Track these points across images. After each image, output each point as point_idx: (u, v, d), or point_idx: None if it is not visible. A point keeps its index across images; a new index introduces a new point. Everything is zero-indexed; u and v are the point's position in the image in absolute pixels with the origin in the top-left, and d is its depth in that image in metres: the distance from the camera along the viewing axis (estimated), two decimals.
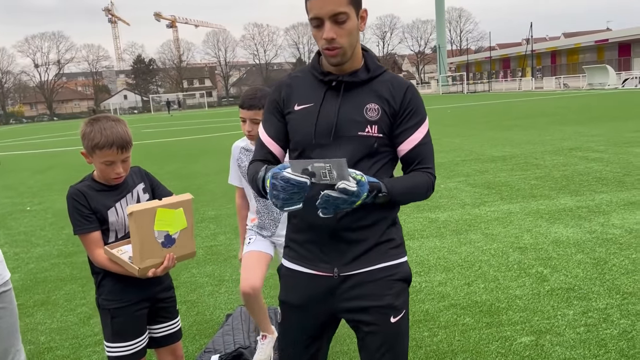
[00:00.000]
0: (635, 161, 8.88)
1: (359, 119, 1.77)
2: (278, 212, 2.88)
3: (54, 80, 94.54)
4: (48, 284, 5.09)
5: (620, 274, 4.18)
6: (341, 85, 1.81)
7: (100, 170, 2.23)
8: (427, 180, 1.83)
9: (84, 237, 2.20)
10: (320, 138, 1.78)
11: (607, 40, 51.76)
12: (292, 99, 1.85)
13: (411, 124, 1.81)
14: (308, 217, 1.78)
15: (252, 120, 2.76)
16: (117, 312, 2.28)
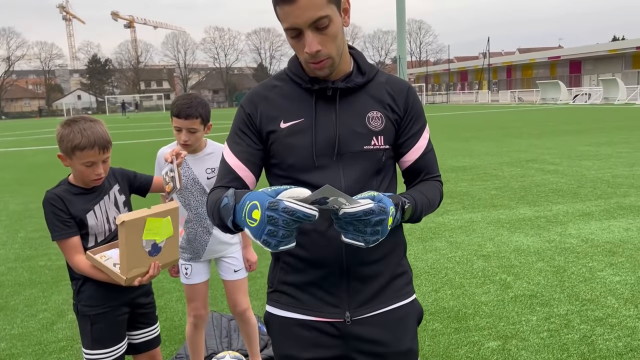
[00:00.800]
0: (588, 174, 9.28)
1: (361, 130, 1.52)
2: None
3: (3, 78, 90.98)
4: (6, 288, 4.90)
5: (579, 281, 4.37)
6: (336, 93, 1.52)
7: (79, 172, 2.19)
8: (439, 188, 1.65)
9: (63, 243, 2.15)
10: (321, 158, 1.50)
11: (559, 57, 53.88)
12: (274, 114, 1.53)
13: (414, 131, 1.60)
14: (311, 254, 1.51)
15: (189, 129, 2.60)
16: (97, 318, 2.23)
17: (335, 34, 1.42)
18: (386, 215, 1.27)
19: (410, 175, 1.66)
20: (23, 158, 17.03)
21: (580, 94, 42.70)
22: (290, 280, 1.56)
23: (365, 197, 1.30)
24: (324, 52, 1.42)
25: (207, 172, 2.72)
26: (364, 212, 1.24)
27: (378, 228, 1.27)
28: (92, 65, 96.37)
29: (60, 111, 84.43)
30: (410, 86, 1.62)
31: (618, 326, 3.54)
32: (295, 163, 1.51)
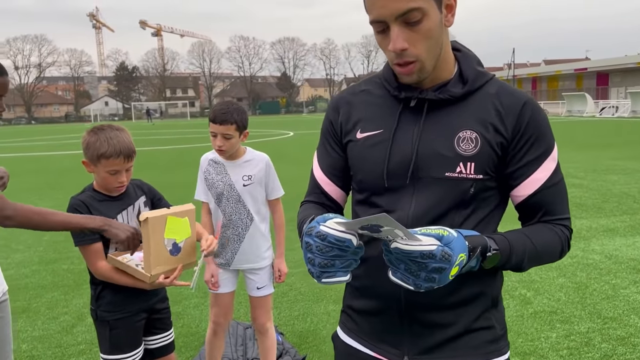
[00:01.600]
0: (613, 188, 9.10)
1: (447, 153, 1.26)
2: (244, 227, 2.77)
3: (34, 84, 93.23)
4: (29, 290, 5.00)
5: (601, 298, 4.28)
6: (424, 105, 1.30)
7: (103, 179, 2.23)
8: (559, 237, 1.30)
9: (85, 249, 2.18)
10: (393, 179, 1.30)
11: (586, 69, 53.12)
12: (354, 121, 1.38)
13: (530, 159, 1.27)
14: (369, 283, 1.36)
15: (224, 135, 2.64)
16: (116, 323, 2.26)
17: (429, 32, 1.19)
18: (449, 265, 1.05)
19: (524, 214, 1.35)
20: (52, 162, 17.39)
21: (607, 106, 41.98)
22: (356, 305, 1.43)
23: (431, 234, 1.08)
24: (411, 53, 1.20)
25: (244, 179, 2.76)
26: (420, 254, 1.05)
27: (435, 276, 1.06)
28: (119, 72, 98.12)
29: (87, 117, 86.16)
30: (527, 101, 1.28)
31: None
32: (365, 180, 1.35)
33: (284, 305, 4.41)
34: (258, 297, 2.90)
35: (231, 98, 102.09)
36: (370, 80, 1.43)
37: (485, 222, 1.30)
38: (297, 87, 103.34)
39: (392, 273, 1.12)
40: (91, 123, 71.41)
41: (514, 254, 1.22)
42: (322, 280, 1.14)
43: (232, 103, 2.71)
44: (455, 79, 1.30)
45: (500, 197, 1.34)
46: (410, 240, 1.06)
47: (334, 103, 1.45)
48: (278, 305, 4.40)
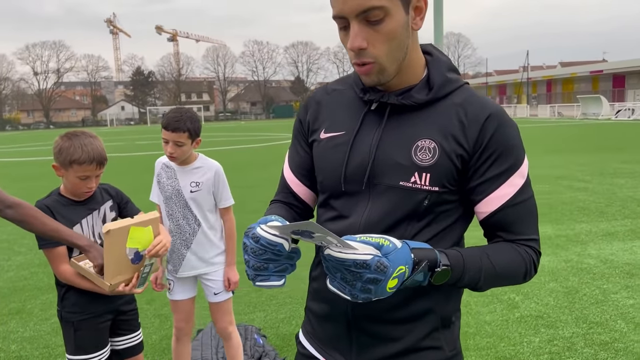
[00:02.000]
0: (619, 192, 8.99)
1: (403, 161, 1.21)
2: (191, 232, 2.78)
3: (52, 89, 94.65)
4: (25, 292, 5.09)
5: (590, 303, 4.24)
6: (386, 109, 1.26)
7: (73, 184, 2.27)
8: (523, 258, 1.22)
9: (49, 252, 2.23)
10: (350, 184, 1.26)
11: (601, 71, 52.50)
12: (320, 121, 1.35)
13: (493, 174, 1.20)
14: (321, 286, 1.32)
15: (176, 142, 2.64)
16: (80, 324, 2.31)
17: (392, 33, 1.13)
18: (384, 277, 1.00)
19: (487, 231, 1.27)
20: None
21: (623, 109, 41.39)
22: (313, 308, 1.41)
23: (370, 243, 1.03)
24: (370, 53, 1.15)
25: (192, 185, 2.76)
26: (354, 263, 1.00)
27: (370, 287, 1.01)
28: (135, 77, 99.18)
29: (104, 121, 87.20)
30: (493, 112, 1.21)
31: (623, 351, 3.42)
32: (324, 181, 1.33)
33: (271, 307, 4.44)
34: (215, 303, 2.90)
35: (245, 102, 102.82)
36: (344, 79, 1.38)
37: (441, 236, 1.24)
38: (311, 91, 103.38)
39: (329, 281, 1.08)
40: (107, 127, 72.38)
41: (467, 272, 1.15)
42: (256, 283, 1.12)
43: (185, 110, 2.70)
44: (421, 85, 1.24)
45: (462, 211, 1.27)
46: (344, 248, 1.02)
47: (305, 103, 1.42)
48: (265, 308, 4.43)
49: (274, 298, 4.63)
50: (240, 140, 27.87)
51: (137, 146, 27.08)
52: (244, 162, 15.84)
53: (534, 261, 1.24)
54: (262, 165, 14.79)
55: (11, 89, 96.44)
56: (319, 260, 1.36)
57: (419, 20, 1.19)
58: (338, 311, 1.29)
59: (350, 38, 1.14)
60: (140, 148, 25.50)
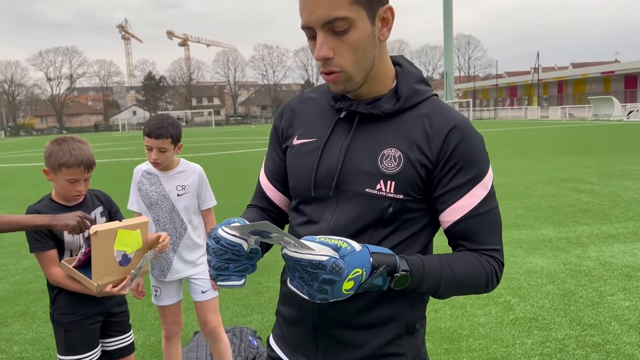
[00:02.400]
0: (624, 194, 8.95)
1: (369, 169, 1.24)
2: (178, 236, 2.85)
3: (65, 94, 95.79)
4: (30, 295, 5.20)
5: (585, 305, 4.25)
6: (355, 117, 1.30)
7: (62, 187, 2.35)
8: (484, 267, 1.25)
9: (40, 255, 2.32)
10: (320, 189, 1.30)
11: (613, 72, 52.02)
12: (293, 128, 1.39)
13: (456, 185, 1.23)
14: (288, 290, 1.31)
15: (160, 149, 2.71)
16: (71, 325, 2.39)
17: (357, 43, 1.17)
18: (339, 278, 1.03)
19: (450, 240, 1.31)
20: None
21: (635, 110, 41.01)
22: (282, 311, 1.44)
23: (328, 244, 1.07)
24: (336, 62, 1.19)
25: (178, 189, 2.84)
26: (310, 263, 1.03)
27: (326, 287, 1.04)
28: (147, 82, 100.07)
29: (116, 126, 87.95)
30: (457, 124, 1.24)
31: (615, 353, 3.43)
32: (295, 187, 1.36)
33: (269, 310, 4.50)
34: (203, 302, 2.95)
35: (256, 106, 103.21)
36: (319, 88, 1.43)
37: (408, 243, 1.27)
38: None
39: (289, 280, 1.11)
40: (119, 132, 73.06)
41: (426, 279, 1.18)
42: (218, 283, 1.16)
43: (166, 117, 2.78)
44: (389, 95, 1.28)
45: (429, 220, 1.30)
46: (300, 248, 1.05)
47: (280, 110, 1.47)
48: (263, 311, 4.49)
49: (271, 301, 4.69)
50: (251, 144, 28.01)
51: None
52: (256, 166, 15.95)
53: (496, 271, 1.27)
54: None
55: (25, 94, 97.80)
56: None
57: (386, 31, 1.22)
58: (305, 315, 1.32)
59: (317, 48, 1.18)
60: None
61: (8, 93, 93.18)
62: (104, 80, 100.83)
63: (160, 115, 2.81)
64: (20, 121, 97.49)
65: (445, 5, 63.17)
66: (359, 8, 1.15)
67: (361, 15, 1.16)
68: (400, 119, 1.27)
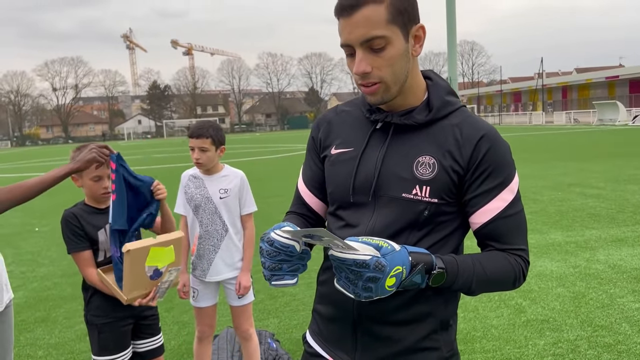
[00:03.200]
0: (632, 198, 9.01)
1: (405, 175, 1.34)
2: (219, 238, 2.98)
3: (70, 104, 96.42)
4: (49, 301, 5.32)
5: (596, 307, 4.33)
6: (390, 128, 1.40)
7: (89, 188, 2.48)
8: (512, 265, 1.34)
9: (77, 256, 2.44)
10: (358, 195, 1.40)
11: (618, 76, 52.04)
12: (331, 139, 1.50)
13: (486, 189, 1.33)
14: (328, 290, 1.45)
15: (201, 148, 2.88)
16: (104, 327, 2.50)
17: (393, 58, 1.28)
18: (382, 275, 1.11)
19: (480, 241, 1.40)
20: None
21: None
22: (319, 310, 1.53)
23: (370, 244, 1.15)
24: (374, 75, 1.29)
25: (221, 192, 2.98)
26: (354, 262, 1.12)
27: (371, 285, 1.12)
28: (152, 91, 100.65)
29: (121, 135, 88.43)
30: (486, 133, 1.35)
31: (626, 352, 3.51)
32: (334, 193, 1.46)
33: (285, 314, 4.59)
34: (239, 306, 3.08)
35: (260, 114, 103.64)
36: (352, 102, 1.54)
37: (441, 244, 1.36)
38: (325, 102, 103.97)
39: (336, 280, 1.20)
40: (125, 141, 73.53)
41: (460, 276, 1.26)
42: (272, 283, 1.25)
43: (208, 121, 3.00)
44: (422, 106, 1.38)
45: (460, 222, 1.39)
46: (346, 249, 1.13)
47: (317, 122, 1.57)
48: (279, 315, 4.58)
49: (287, 305, 4.79)
50: (256, 152, 28.17)
51: (154, 159, 27.50)
52: (262, 173, 16.06)
53: (523, 269, 1.36)
54: (280, 177, 15.00)
55: (31, 105, 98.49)
56: (327, 267, 1.50)
57: (418, 48, 1.33)
58: (344, 313, 1.41)
59: (356, 63, 1.28)
60: (157, 161, 25.90)
61: (14, 103, 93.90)
62: (109, 90, 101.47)
63: (203, 119, 3.02)
64: (26, 131, 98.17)
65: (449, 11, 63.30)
66: (395, 27, 1.26)
67: (396, 34, 1.27)
68: (432, 128, 1.37)
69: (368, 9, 1.24)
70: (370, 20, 1.24)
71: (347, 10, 1.26)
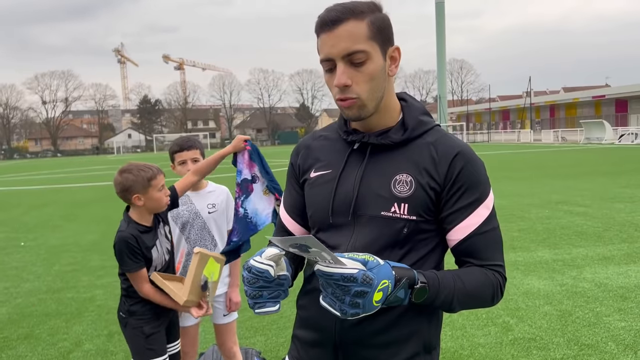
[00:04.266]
0: (617, 216, 9.09)
1: (384, 194, 1.36)
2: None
3: (60, 117, 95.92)
4: (33, 318, 5.24)
5: (582, 326, 4.34)
6: (367, 148, 1.42)
7: (156, 200, 2.50)
8: (491, 280, 1.35)
9: (136, 274, 2.47)
10: (338, 215, 1.41)
11: (604, 96, 52.81)
12: (309, 163, 1.52)
13: (461, 206, 1.35)
14: (309, 314, 1.47)
15: (193, 159, 2.94)
16: (151, 330, 2.56)
17: (372, 74, 1.31)
18: (370, 289, 1.10)
19: (457, 258, 1.41)
20: (69, 194, 17.90)
21: (626, 133, 41.53)
22: (299, 334, 1.52)
23: (357, 259, 1.14)
24: (353, 90, 1.31)
25: (209, 207, 3.00)
26: (342, 277, 1.10)
27: (358, 301, 1.11)
28: (142, 105, 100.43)
29: (111, 149, 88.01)
30: (460, 151, 1.37)
31: None
32: (314, 215, 1.47)
33: (272, 332, 4.56)
34: (224, 324, 3.06)
35: (251, 129, 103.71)
36: (330, 126, 1.58)
37: (421, 263, 1.37)
38: (316, 117, 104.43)
39: (322, 297, 1.18)
40: (114, 155, 73.09)
41: (442, 291, 1.26)
42: (255, 311, 1.26)
43: (191, 135, 3.06)
44: (397, 126, 1.41)
45: (439, 240, 1.41)
46: (334, 263, 1.12)
47: (296, 148, 1.60)
48: (266, 332, 4.55)
49: (274, 323, 4.75)
50: None
51: None
52: None
53: (501, 285, 1.38)
54: None
55: (20, 117, 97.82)
56: (307, 291, 1.51)
57: (394, 68, 1.37)
58: (325, 337, 1.42)
59: (337, 76, 1.30)
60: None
61: (3, 116, 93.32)
62: (100, 104, 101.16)
63: (183, 135, 3.05)
64: (15, 144, 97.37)
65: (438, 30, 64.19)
66: (375, 44, 1.31)
67: (376, 50, 1.31)
68: (408, 147, 1.40)
69: (350, 24, 1.29)
70: (352, 34, 1.28)
71: (330, 25, 1.30)
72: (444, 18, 63.41)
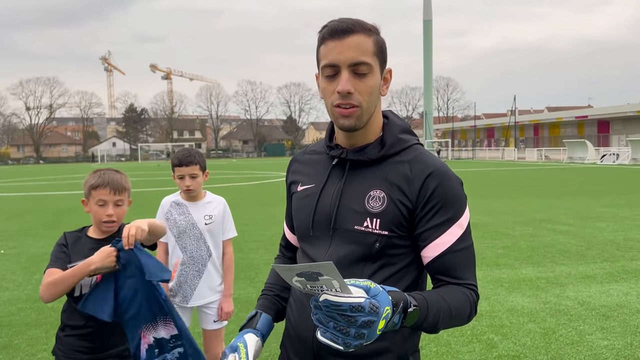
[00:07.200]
0: (600, 235, 9.21)
1: (358, 208, 1.40)
2: (203, 263, 3.03)
3: (44, 124, 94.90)
4: (12, 327, 5.13)
5: (565, 344, 4.37)
6: (346, 164, 1.47)
7: (94, 213, 2.34)
8: (468, 298, 1.36)
9: (47, 271, 2.28)
10: (318, 228, 1.46)
11: (587, 116, 53.75)
12: (297, 177, 1.59)
13: (435, 223, 1.37)
14: (293, 324, 1.51)
15: (191, 175, 2.95)
16: None
17: (372, 88, 1.37)
18: (377, 318, 1.06)
19: (432, 275, 1.42)
20: (51, 202, 17.65)
21: (608, 153, 42.23)
22: (285, 342, 1.58)
23: (360, 286, 1.09)
24: (355, 98, 1.35)
25: (205, 218, 3.03)
26: (350, 307, 1.05)
27: (364, 331, 1.06)
28: (128, 114, 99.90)
29: (95, 157, 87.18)
30: (434, 170, 1.39)
31: None
32: (298, 227, 1.54)
33: None
34: (213, 330, 3.08)
35: (238, 140, 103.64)
36: (320, 142, 1.62)
37: (397, 278, 1.39)
38: (303, 130, 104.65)
39: (320, 333, 1.11)
40: (98, 163, 72.29)
41: (431, 312, 1.25)
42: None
43: (192, 148, 3.07)
44: (375, 143, 1.46)
45: (415, 256, 1.42)
46: (342, 292, 1.05)
47: (289, 163, 1.68)
48: None
49: None
50: (232, 179, 28.04)
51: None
52: (238, 200, 15.95)
53: (475, 303, 1.39)
54: (255, 204, 14.94)
55: (2, 123, 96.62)
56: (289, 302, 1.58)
57: (385, 89, 1.45)
58: (305, 347, 1.47)
59: (342, 82, 1.34)
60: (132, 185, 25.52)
61: None
62: (85, 111, 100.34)
63: (185, 148, 3.07)
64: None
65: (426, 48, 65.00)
66: (377, 60, 1.38)
67: (377, 66, 1.39)
68: (385, 164, 1.44)
69: (360, 36, 1.35)
70: (361, 46, 1.34)
71: (340, 33, 1.35)
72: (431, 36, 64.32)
